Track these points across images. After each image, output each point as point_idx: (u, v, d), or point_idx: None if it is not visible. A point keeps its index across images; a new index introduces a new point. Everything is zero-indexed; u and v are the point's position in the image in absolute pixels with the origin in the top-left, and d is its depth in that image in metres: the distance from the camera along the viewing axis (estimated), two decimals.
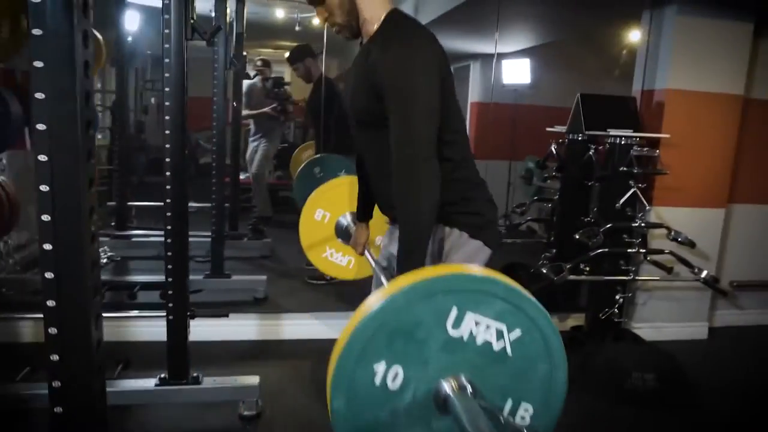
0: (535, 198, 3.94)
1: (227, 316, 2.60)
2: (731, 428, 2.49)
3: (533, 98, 5.85)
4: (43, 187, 0.97)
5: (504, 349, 0.89)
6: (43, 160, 0.97)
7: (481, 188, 1.53)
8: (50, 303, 1.04)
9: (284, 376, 2.65)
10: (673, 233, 2.97)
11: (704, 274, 2.98)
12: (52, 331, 1.05)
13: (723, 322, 3.58)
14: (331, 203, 2.27)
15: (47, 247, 1.02)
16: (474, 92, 6.48)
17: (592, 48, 5.14)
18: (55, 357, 1.06)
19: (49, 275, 1.03)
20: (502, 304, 0.87)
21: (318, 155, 3.58)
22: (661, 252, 3.03)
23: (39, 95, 0.96)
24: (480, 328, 0.87)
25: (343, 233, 2.23)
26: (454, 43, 5.60)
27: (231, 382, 2.26)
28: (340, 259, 2.39)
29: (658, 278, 3.11)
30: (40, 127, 0.96)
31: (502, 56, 5.87)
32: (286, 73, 7.03)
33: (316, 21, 5.92)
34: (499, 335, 0.88)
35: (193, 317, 2.17)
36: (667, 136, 3.04)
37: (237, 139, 4.68)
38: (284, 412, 2.37)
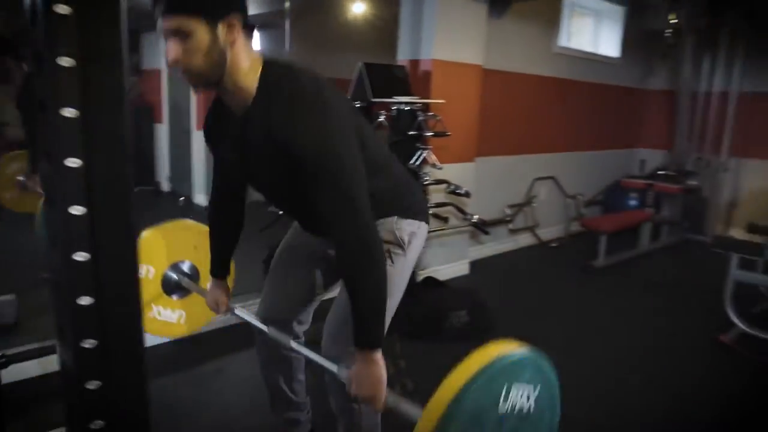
0: None
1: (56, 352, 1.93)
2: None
3: None
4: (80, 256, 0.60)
5: (529, 407, 1.05)
6: (79, 213, 0.60)
7: (411, 181, 1.64)
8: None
9: None
10: (452, 187, 3.40)
11: (475, 218, 3.53)
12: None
13: (475, 256, 4.31)
14: (152, 256, 1.98)
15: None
16: None
17: (322, 18, 5.28)
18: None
19: None
20: (531, 369, 1.06)
21: None
22: (445, 205, 3.45)
23: (68, 112, 0.58)
24: (518, 395, 1.04)
25: (173, 288, 2.03)
26: None
27: None
28: (169, 316, 2.10)
29: (444, 228, 3.54)
30: (72, 163, 0.59)
31: None
32: None
33: None
34: (528, 397, 1.05)
35: (6, 365, 1.58)
36: (442, 101, 3.43)
37: None
38: None
